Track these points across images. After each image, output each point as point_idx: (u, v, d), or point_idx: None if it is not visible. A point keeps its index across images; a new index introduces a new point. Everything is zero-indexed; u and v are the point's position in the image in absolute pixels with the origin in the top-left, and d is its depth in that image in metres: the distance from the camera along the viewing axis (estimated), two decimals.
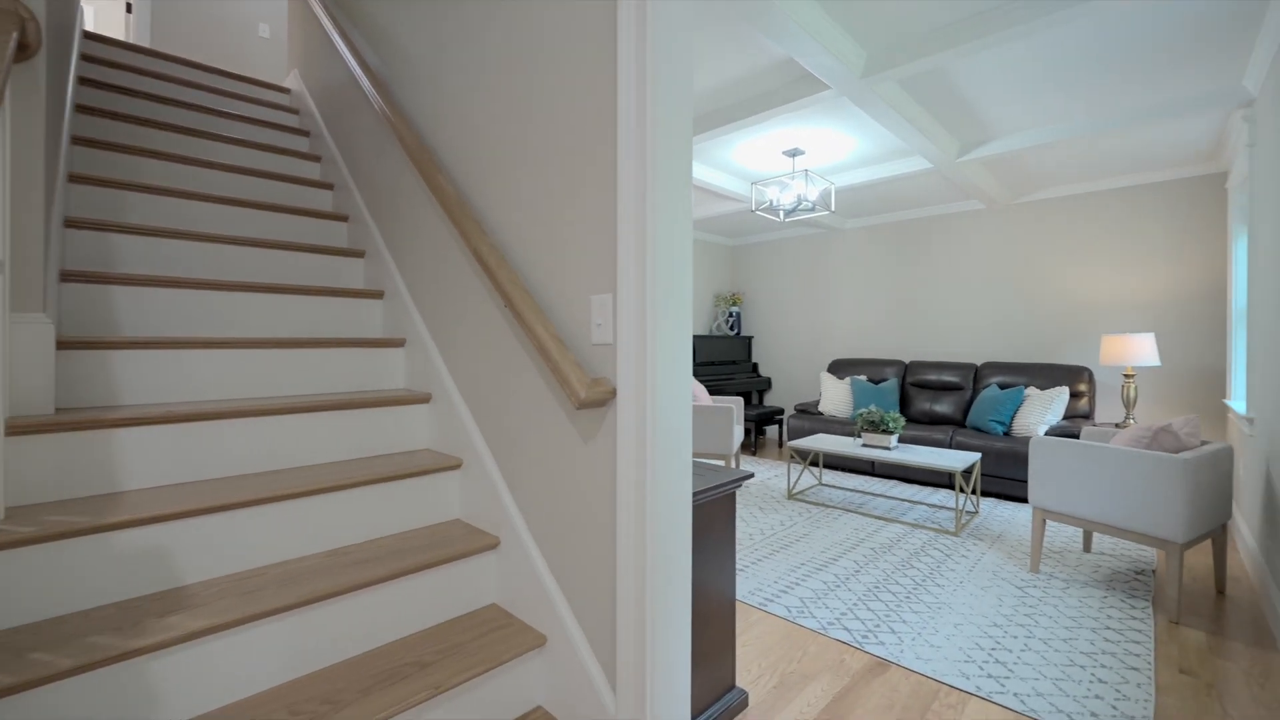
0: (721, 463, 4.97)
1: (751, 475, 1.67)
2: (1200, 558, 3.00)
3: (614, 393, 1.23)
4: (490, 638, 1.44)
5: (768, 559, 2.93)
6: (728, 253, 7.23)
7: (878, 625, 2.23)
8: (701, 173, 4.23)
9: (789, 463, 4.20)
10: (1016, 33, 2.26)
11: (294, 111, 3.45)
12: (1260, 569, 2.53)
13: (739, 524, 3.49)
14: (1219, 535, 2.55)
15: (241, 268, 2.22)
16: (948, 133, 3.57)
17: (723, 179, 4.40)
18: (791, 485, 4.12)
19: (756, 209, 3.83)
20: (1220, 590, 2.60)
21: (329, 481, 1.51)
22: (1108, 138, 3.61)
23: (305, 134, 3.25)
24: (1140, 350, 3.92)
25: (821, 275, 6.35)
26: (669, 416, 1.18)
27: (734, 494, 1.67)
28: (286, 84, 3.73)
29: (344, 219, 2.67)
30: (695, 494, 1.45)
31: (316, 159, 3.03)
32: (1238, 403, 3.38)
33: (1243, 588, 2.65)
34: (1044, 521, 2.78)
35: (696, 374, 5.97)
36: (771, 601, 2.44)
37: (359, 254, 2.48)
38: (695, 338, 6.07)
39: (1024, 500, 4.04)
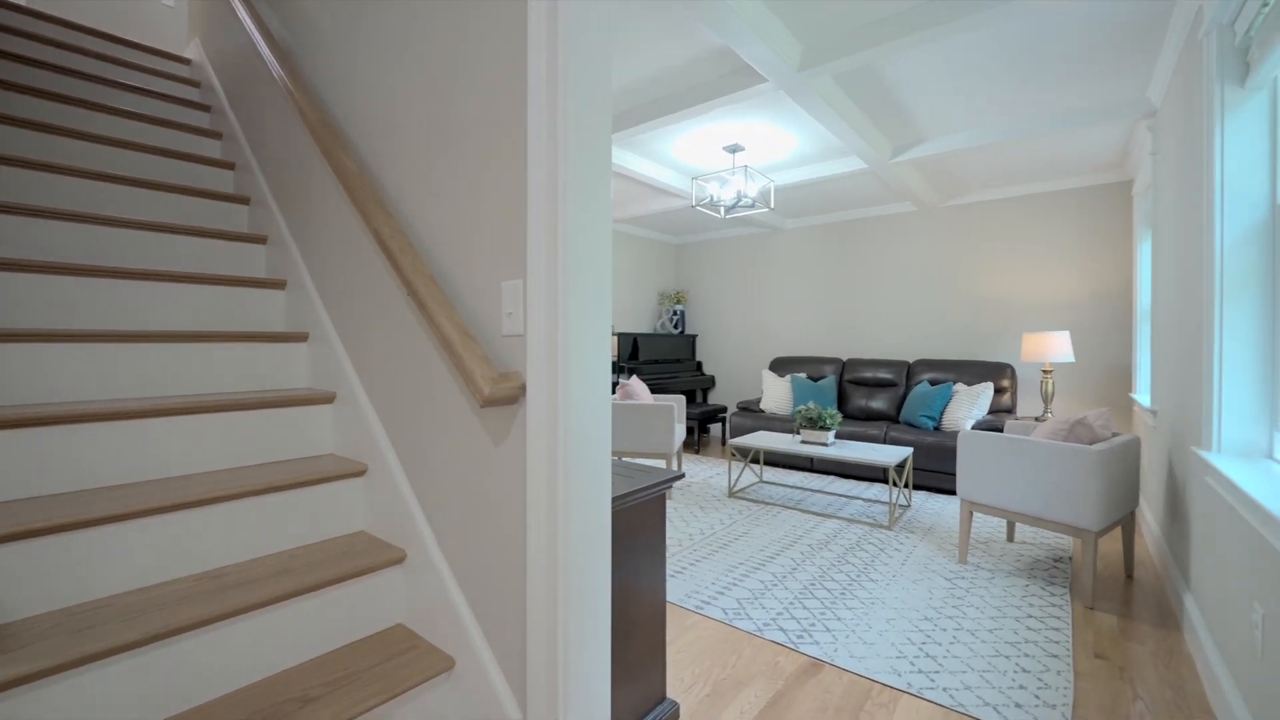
0: (662, 462, 4.91)
1: (682, 475, 1.60)
2: (1111, 544, 3.16)
3: (524, 389, 1.12)
4: (392, 663, 1.29)
5: (707, 559, 2.88)
6: (672, 250, 7.20)
7: (813, 624, 2.21)
8: (642, 167, 4.15)
9: (730, 461, 4.19)
10: (939, 32, 2.29)
11: (194, 84, 3.13)
12: (1163, 553, 2.68)
13: (679, 525, 3.43)
14: (1128, 522, 2.68)
15: (127, 253, 1.96)
16: (882, 133, 3.63)
17: (664, 174, 4.34)
18: (732, 483, 4.11)
19: (697, 205, 3.79)
20: (1129, 575, 2.74)
21: (203, 493, 1.32)
22: (1025, 144, 3.77)
23: (206, 109, 2.95)
24: (1057, 347, 4.13)
25: (763, 274, 6.41)
26: (584, 415, 1.08)
27: (664, 496, 1.59)
28: (187, 54, 3.39)
29: (245, 201, 2.42)
30: (620, 497, 1.36)
31: (218, 136, 2.76)
32: (1142, 396, 3.60)
33: (1148, 571, 2.80)
34: (971, 514, 2.85)
35: (640, 372, 5.90)
36: (708, 604, 2.38)
37: (260, 240, 2.25)
38: (639, 336, 5.99)
39: (953, 492, 4.17)
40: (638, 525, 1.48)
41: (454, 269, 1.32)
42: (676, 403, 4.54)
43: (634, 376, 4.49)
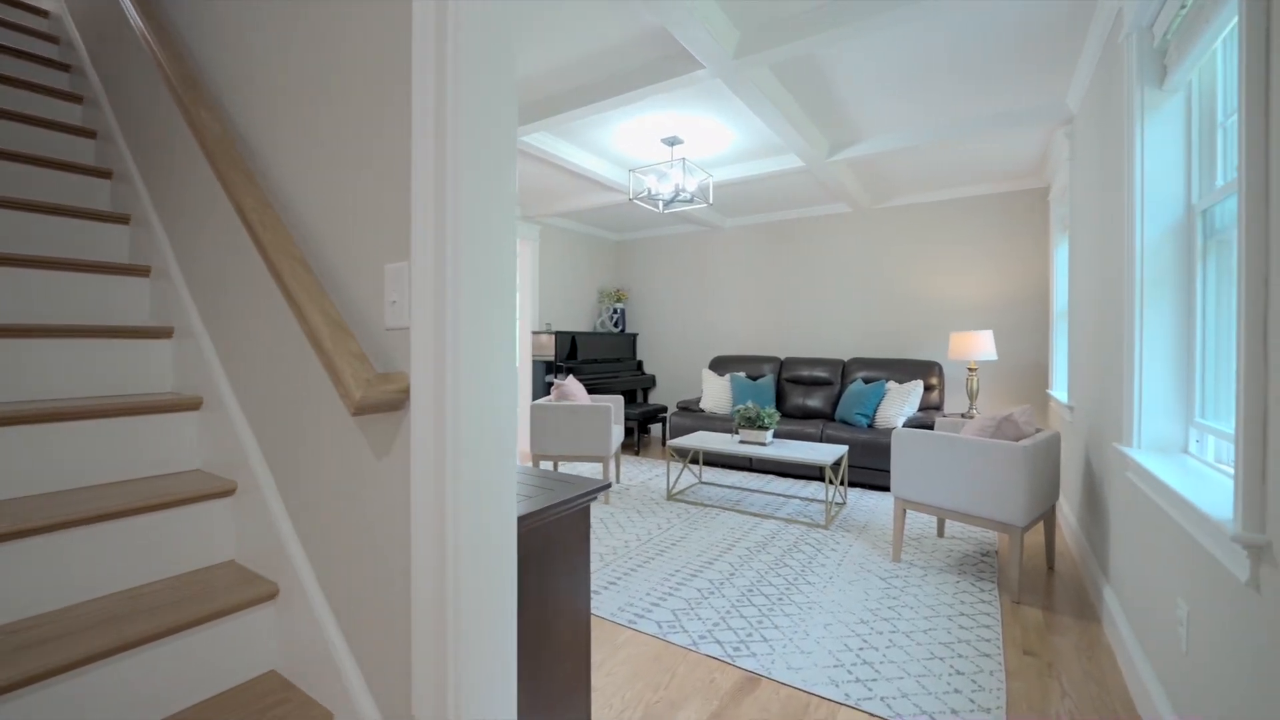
0: (599, 466, 4.76)
1: (608, 486, 1.45)
2: (1034, 538, 3.26)
3: (408, 392, 0.94)
4: None
5: (643, 567, 2.75)
6: (613, 247, 7.05)
7: (750, 634, 2.12)
8: (579, 158, 3.98)
9: (669, 462, 4.08)
10: (872, 24, 2.25)
11: (53, 40, 2.71)
12: (1082, 546, 2.77)
13: (615, 531, 3.29)
14: (1049, 516, 2.75)
15: None
16: (819, 131, 3.62)
17: (602, 166, 4.18)
18: (671, 486, 4.00)
19: (635, 198, 3.65)
20: (1050, 567, 2.82)
21: (23, 523, 1.06)
22: (952, 148, 3.86)
23: (66, 68, 2.55)
24: (981, 346, 4.27)
25: (704, 272, 6.37)
26: (480, 422, 0.91)
27: (588, 509, 1.44)
28: (45, 5, 2.94)
29: (107, 175, 2.09)
30: (534, 514, 1.20)
31: (78, 100, 2.38)
32: (1059, 392, 3.76)
33: (1067, 563, 2.90)
34: (904, 511, 2.86)
35: (579, 372, 5.72)
36: (643, 617, 2.24)
37: (123, 219, 1.93)
38: (577, 335, 5.81)
39: (887, 489, 4.24)
40: (557, 543, 1.32)
41: (335, 251, 1.12)
42: (614, 403, 4.39)
43: (570, 377, 4.31)
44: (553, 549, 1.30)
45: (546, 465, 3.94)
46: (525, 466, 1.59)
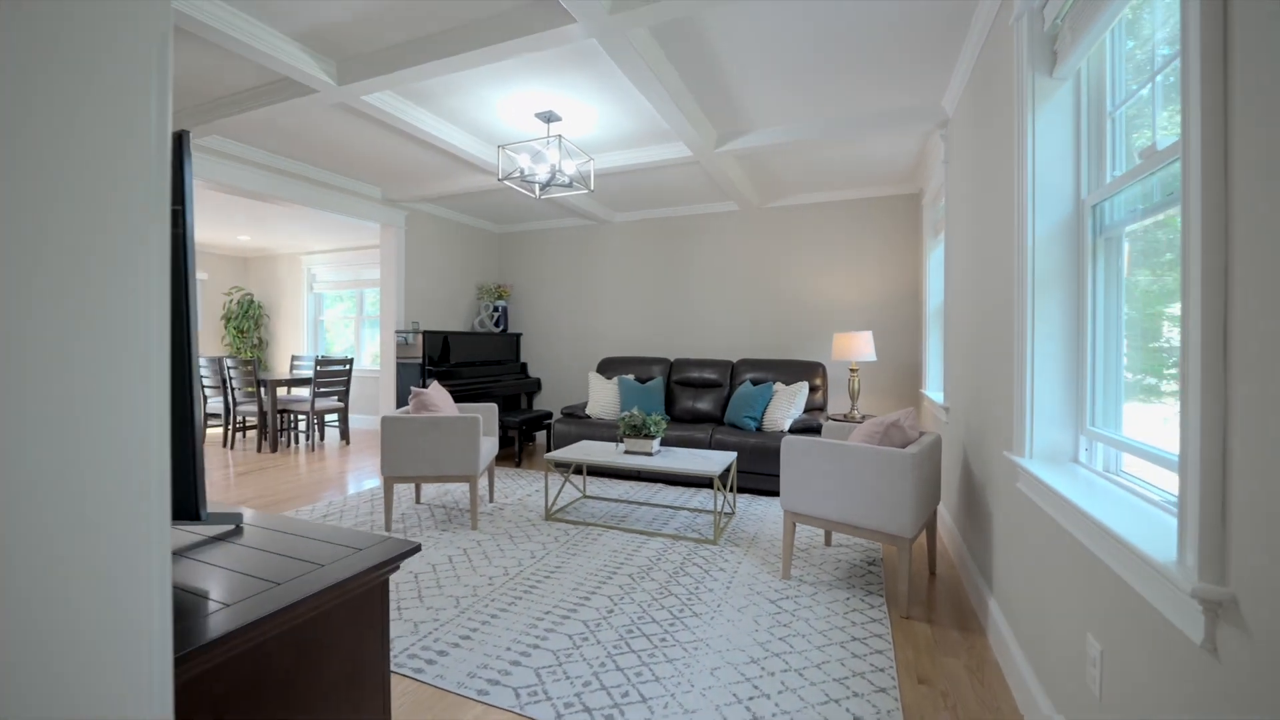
0: (466, 486, 4.22)
1: (416, 548, 1.03)
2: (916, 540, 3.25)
3: None
4: None
5: (507, 611, 2.32)
6: (494, 240, 6.48)
7: (627, 693, 1.77)
8: (439, 129, 3.44)
9: (547, 476, 3.67)
10: None
11: None
12: (960, 551, 2.75)
13: (480, 565, 2.82)
14: (931, 520, 2.70)
15: None
16: (707, 119, 3.39)
17: (472, 143, 3.67)
18: (550, 503, 3.59)
19: (505, 179, 3.20)
20: (932, 572, 2.77)
21: None
22: (835, 149, 3.82)
23: None
24: (862, 347, 4.30)
25: (592, 269, 6.01)
26: (47, 475, 0.46)
27: (382, 587, 1.01)
28: None
29: None
30: (251, 626, 0.75)
31: None
32: (934, 393, 3.84)
33: (946, 565, 2.88)
34: (794, 525, 2.68)
35: (457, 376, 5.12)
36: (498, 684, 1.82)
37: None
38: (450, 334, 5.21)
39: (776, 494, 4.14)
40: (313, 656, 0.87)
41: None
42: (487, 412, 3.90)
43: (434, 383, 3.76)
44: (305, 664, 0.85)
45: (401, 494, 3.37)
46: (291, 518, 1.12)
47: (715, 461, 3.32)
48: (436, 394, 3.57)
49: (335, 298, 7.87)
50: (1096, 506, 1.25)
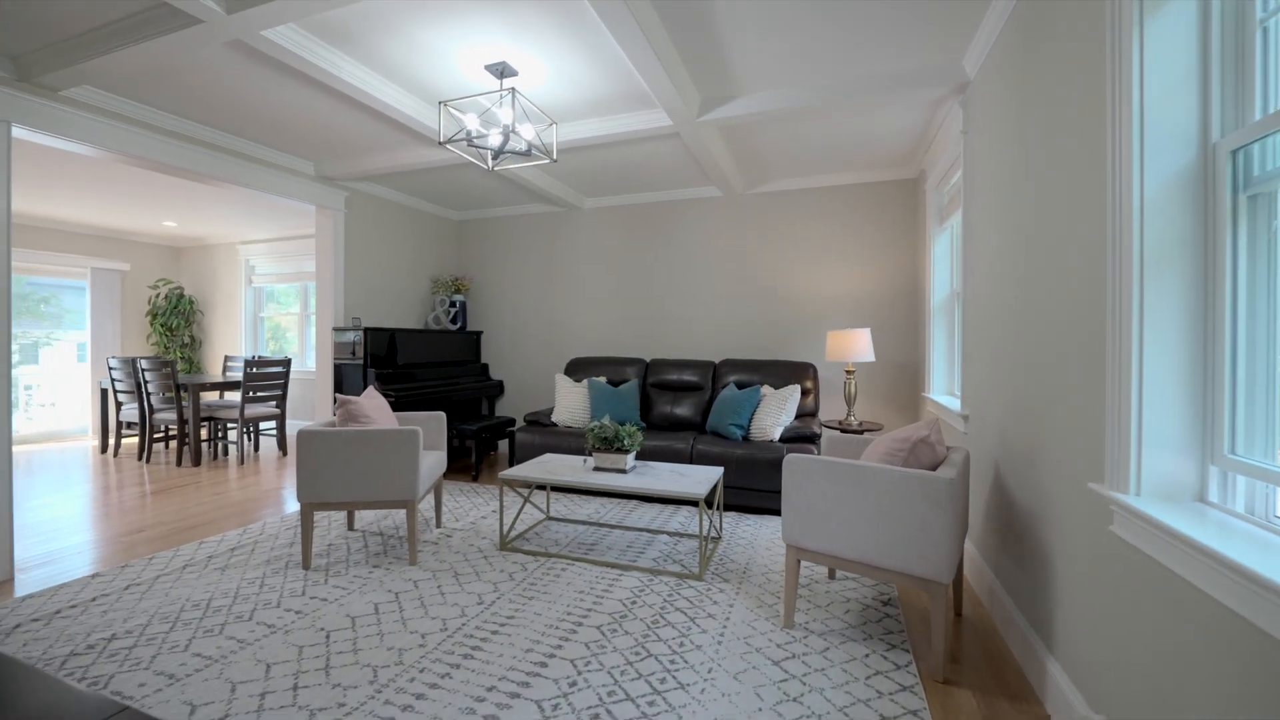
0: (402, 513, 3.64)
1: None
2: None
3: None
4: None
5: (438, 687, 1.79)
6: (452, 229, 5.89)
7: None
8: (378, 88, 2.87)
9: (502, 495, 3.14)
10: None
11: None
12: (988, 583, 2.32)
13: (414, 616, 2.28)
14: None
15: None
16: (691, 78, 2.90)
17: (411, 104, 3.10)
18: (506, 531, 3.06)
19: (447, 142, 2.65)
20: (958, 612, 2.34)
21: None
22: (833, 121, 3.38)
23: None
24: (860, 346, 3.87)
25: (560, 261, 5.48)
26: None
27: None
28: None
29: None
30: None
31: None
32: (941, 397, 3.43)
33: (971, 602, 2.45)
34: (799, 563, 2.21)
35: (408, 378, 4.53)
36: None
37: None
38: (398, 332, 4.61)
39: (766, 511, 3.68)
40: None
41: None
42: (432, 422, 3.34)
43: (369, 388, 3.19)
44: None
45: (331, 518, 2.75)
46: None
47: (699, 480, 2.84)
48: (369, 402, 3.01)
49: (280, 292, 7.14)
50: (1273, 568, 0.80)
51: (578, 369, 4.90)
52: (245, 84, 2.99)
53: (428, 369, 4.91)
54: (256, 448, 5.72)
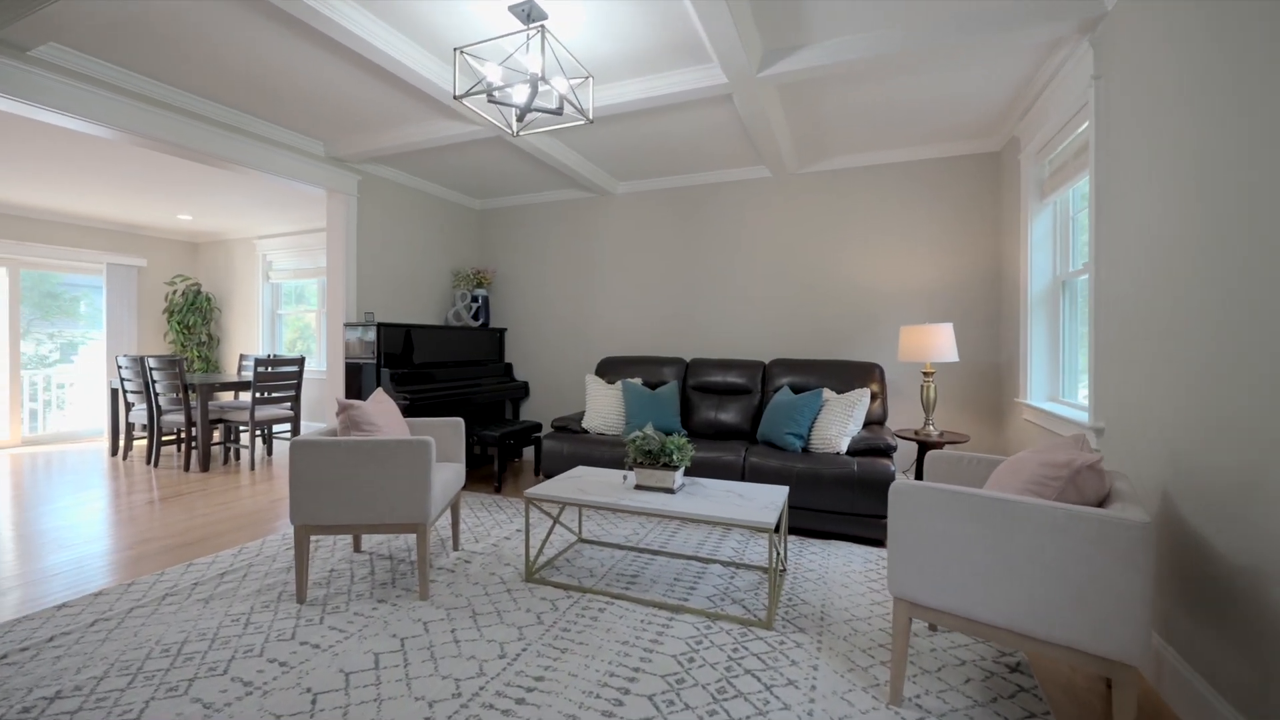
0: (413, 538, 3.22)
1: None
2: None
3: None
4: None
5: None
6: (473, 218, 5.50)
7: None
8: (385, 39, 2.45)
9: (528, 515, 2.70)
10: None
11: None
12: (1161, 657, 1.78)
13: (418, 675, 1.85)
14: None
15: None
16: (755, 21, 2.42)
17: (425, 60, 2.68)
18: (534, 557, 2.62)
19: (462, 96, 2.22)
20: (1109, 685, 1.82)
21: None
22: (911, 82, 2.87)
23: None
24: (940, 343, 3.34)
25: (590, 252, 5.04)
26: None
27: None
28: None
29: None
30: None
31: None
32: (1045, 403, 2.88)
33: None
34: (910, 621, 1.71)
35: (423, 378, 4.14)
36: None
37: None
38: (414, 328, 4.23)
39: (831, 536, 3.18)
40: None
41: None
42: (449, 429, 2.92)
43: (378, 391, 2.78)
44: None
45: (334, 538, 2.35)
46: None
47: (764, 504, 2.35)
48: (376, 407, 2.60)
49: (304, 289, 6.85)
50: None
51: (610, 369, 4.44)
52: (234, 37, 2.61)
53: (446, 369, 4.51)
54: (270, 452, 5.41)
